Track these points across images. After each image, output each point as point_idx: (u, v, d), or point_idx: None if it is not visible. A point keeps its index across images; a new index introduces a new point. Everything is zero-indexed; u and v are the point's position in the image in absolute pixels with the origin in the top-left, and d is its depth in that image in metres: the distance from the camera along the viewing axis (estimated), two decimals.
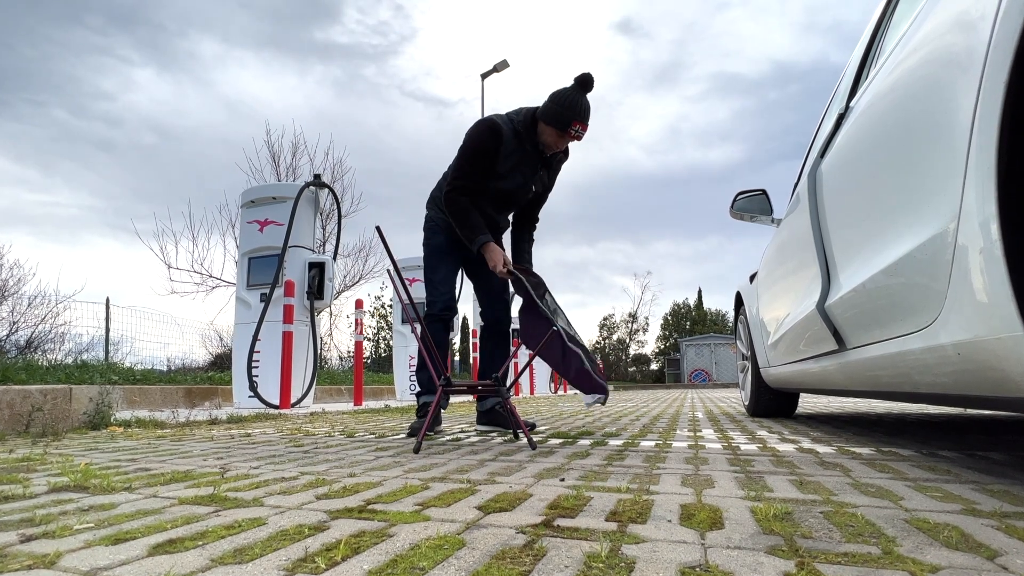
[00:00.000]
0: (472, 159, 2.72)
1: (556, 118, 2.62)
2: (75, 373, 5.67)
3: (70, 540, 0.93)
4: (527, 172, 2.83)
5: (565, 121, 2.61)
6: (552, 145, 2.72)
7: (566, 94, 2.62)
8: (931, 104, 1.31)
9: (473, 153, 2.72)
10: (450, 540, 0.90)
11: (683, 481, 1.41)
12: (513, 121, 2.76)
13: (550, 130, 2.66)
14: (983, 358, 1.14)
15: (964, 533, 0.92)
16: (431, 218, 3.06)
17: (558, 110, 2.62)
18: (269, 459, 1.91)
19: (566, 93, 2.63)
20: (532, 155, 2.79)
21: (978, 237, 1.09)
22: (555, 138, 2.68)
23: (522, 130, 2.73)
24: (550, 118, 2.64)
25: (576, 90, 2.62)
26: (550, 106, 2.64)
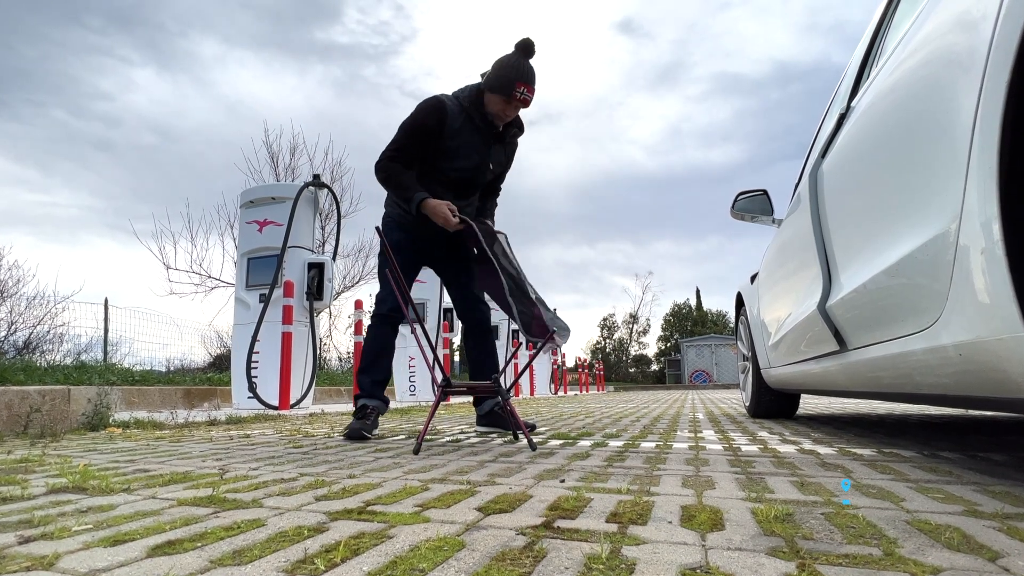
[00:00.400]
0: (410, 134, 2.64)
1: (500, 84, 2.57)
2: (73, 374, 5.67)
3: (68, 541, 0.93)
4: (481, 149, 2.75)
5: (509, 85, 2.55)
6: (500, 114, 2.65)
7: (508, 60, 2.58)
8: (932, 104, 1.31)
9: (412, 128, 2.64)
10: (450, 541, 0.90)
11: (684, 482, 1.41)
12: (459, 98, 2.69)
13: (496, 98, 2.60)
14: (985, 359, 1.14)
15: (966, 534, 0.92)
16: (388, 215, 2.94)
17: (501, 76, 2.57)
18: (268, 460, 1.91)
19: (508, 59, 2.58)
20: (484, 130, 2.72)
21: (980, 237, 1.09)
22: (502, 106, 2.61)
23: (468, 105, 2.66)
24: (494, 85, 2.58)
25: (518, 55, 2.58)
26: (493, 74, 2.60)
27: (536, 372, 13.25)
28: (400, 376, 8.46)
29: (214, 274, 13.82)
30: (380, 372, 2.77)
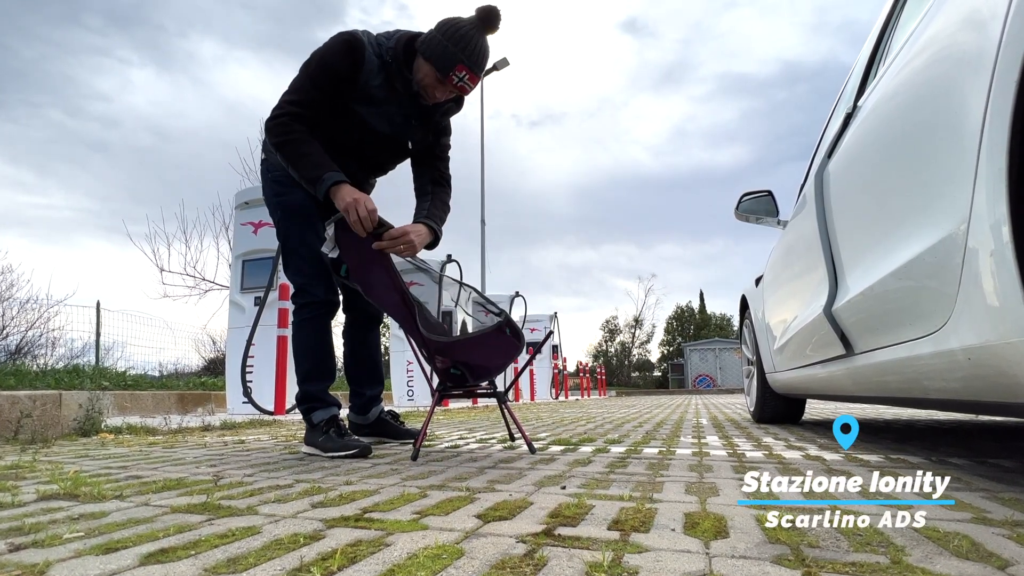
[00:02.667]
0: (317, 79, 2.07)
1: (438, 58, 2.01)
2: (65, 378, 5.67)
3: (60, 549, 0.93)
4: (396, 120, 2.22)
5: (448, 64, 2.01)
6: (428, 90, 2.11)
7: (458, 29, 2.01)
8: (940, 104, 1.32)
9: (320, 71, 2.07)
10: (448, 549, 0.90)
11: (687, 489, 1.41)
12: (382, 47, 2.10)
13: (428, 69, 2.05)
14: (994, 363, 1.14)
15: (974, 542, 0.92)
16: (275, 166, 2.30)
17: (443, 48, 2.00)
18: (263, 466, 1.90)
19: (458, 28, 2.01)
20: (405, 98, 2.18)
21: (989, 239, 1.09)
22: (432, 81, 2.07)
23: (392, 61, 2.10)
24: (431, 52, 2.02)
25: (474, 27, 2.03)
26: (435, 37, 2.02)
27: (536, 377, 13.26)
28: (398, 381, 8.45)
29: (208, 277, 13.83)
30: (329, 375, 2.37)
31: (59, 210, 36.16)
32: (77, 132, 38.58)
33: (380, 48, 2.10)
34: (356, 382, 2.61)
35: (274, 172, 2.31)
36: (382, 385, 2.68)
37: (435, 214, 2.28)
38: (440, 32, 2.01)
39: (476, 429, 3.49)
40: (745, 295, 4.07)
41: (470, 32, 2.01)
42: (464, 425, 3.91)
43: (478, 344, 2.17)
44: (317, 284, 2.28)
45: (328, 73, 2.07)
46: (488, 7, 2.01)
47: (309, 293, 2.30)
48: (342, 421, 2.30)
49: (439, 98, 2.14)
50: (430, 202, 2.32)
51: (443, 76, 2.03)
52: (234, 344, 5.61)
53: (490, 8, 2.01)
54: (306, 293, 2.30)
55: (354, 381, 2.61)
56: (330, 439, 2.17)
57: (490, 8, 2.01)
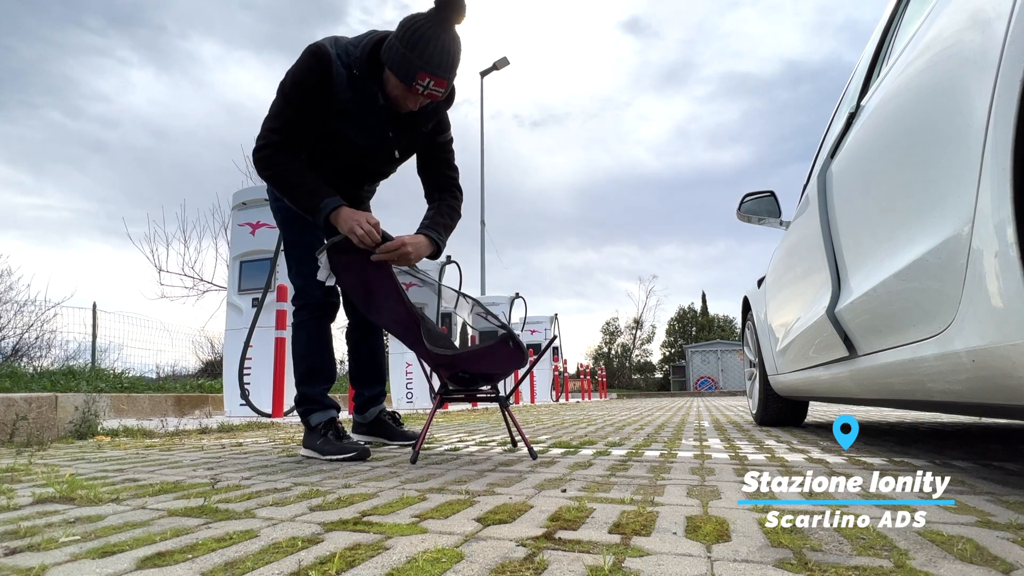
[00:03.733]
0: (291, 98, 2.01)
1: (399, 63, 1.87)
2: (61, 381, 5.67)
3: (56, 553, 0.92)
4: (374, 129, 2.13)
5: (410, 70, 1.86)
6: (400, 101, 2.00)
7: (417, 27, 1.83)
8: (944, 103, 1.32)
9: (293, 89, 2.00)
10: (448, 553, 0.90)
11: (689, 492, 1.41)
12: (350, 56, 1.99)
13: (394, 81, 1.93)
14: (999, 365, 1.14)
15: (979, 546, 0.91)
16: None
17: (402, 52, 1.85)
18: (261, 469, 1.90)
19: (417, 26, 1.84)
20: (378, 109, 2.08)
21: (993, 240, 1.09)
22: (401, 92, 1.96)
23: (359, 72, 1.98)
24: (392, 61, 1.89)
25: (433, 22, 1.83)
26: (394, 42, 1.88)
27: (537, 379, 13.25)
28: (397, 383, 8.45)
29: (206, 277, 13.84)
30: (328, 377, 2.37)
31: (56, 211, 36.29)
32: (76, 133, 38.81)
33: (348, 58, 1.99)
34: (357, 382, 2.63)
35: None
36: (383, 385, 2.69)
37: (438, 223, 2.20)
38: (398, 37, 1.87)
39: (476, 432, 3.49)
40: (747, 296, 4.07)
41: (428, 32, 1.83)
42: (464, 428, 3.91)
43: (482, 356, 2.19)
44: (315, 286, 2.24)
45: (299, 88, 2.00)
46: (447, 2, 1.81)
47: (307, 294, 2.31)
48: (341, 424, 2.30)
49: (413, 107, 2.03)
50: (435, 210, 2.25)
51: (407, 86, 1.91)
52: (232, 346, 5.61)
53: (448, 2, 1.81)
54: (304, 294, 2.32)
55: (356, 381, 2.64)
56: (328, 442, 2.17)
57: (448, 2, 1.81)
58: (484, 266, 16.58)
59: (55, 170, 37.47)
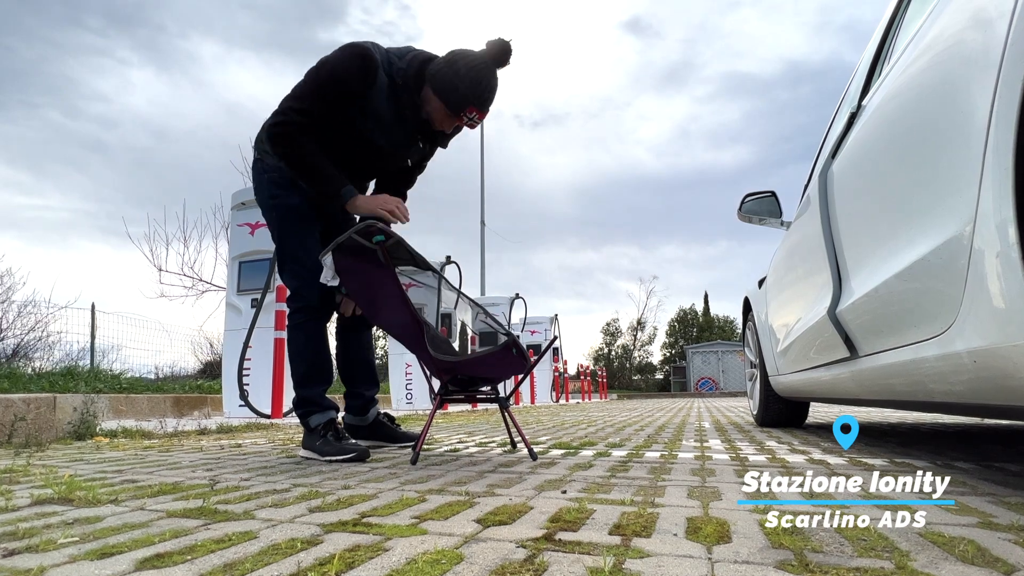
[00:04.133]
0: (326, 86, 2.06)
1: (451, 94, 2.05)
2: (59, 381, 5.67)
3: (54, 554, 0.92)
4: (398, 138, 2.24)
5: (461, 103, 2.05)
6: (436, 122, 2.17)
7: (471, 69, 2.03)
8: (946, 103, 1.32)
9: (330, 84, 2.05)
10: (448, 554, 0.90)
11: (689, 493, 1.41)
12: (393, 67, 2.10)
13: (438, 105, 2.09)
14: (1000, 366, 1.14)
15: (980, 547, 0.91)
16: (270, 167, 2.28)
17: (456, 85, 2.03)
18: (260, 470, 1.90)
19: (472, 66, 2.03)
20: (410, 120, 2.20)
21: (995, 240, 1.09)
22: (442, 116, 2.13)
23: (402, 83, 2.11)
24: (443, 90, 2.06)
25: (487, 64, 2.05)
26: (447, 74, 2.04)
27: (537, 380, 13.24)
28: (397, 384, 8.45)
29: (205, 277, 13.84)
30: (327, 378, 2.38)
31: (56, 211, 36.34)
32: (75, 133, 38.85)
33: (391, 67, 2.10)
34: (351, 383, 2.60)
35: (271, 173, 2.29)
36: (378, 386, 2.68)
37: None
38: (451, 69, 2.02)
39: (476, 433, 3.49)
40: (748, 297, 4.07)
41: (482, 71, 2.03)
42: (463, 429, 3.91)
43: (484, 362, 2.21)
44: (312, 288, 2.26)
45: (338, 86, 2.05)
46: (502, 43, 2.03)
47: (304, 297, 2.31)
48: (340, 425, 2.30)
49: (447, 129, 2.20)
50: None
51: (453, 115, 2.09)
52: (231, 347, 5.61)
53: (504, 45, 2.03)
54: (301, 297, 2.31)
55: (349, 382, 2.60)
56: (327, 443, 2.17)
57: (504, 45, 2.03)
58: (484, 266, 16.59)
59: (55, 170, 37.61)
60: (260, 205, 2.37)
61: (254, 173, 2.37)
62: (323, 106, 2.08)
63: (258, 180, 2.34)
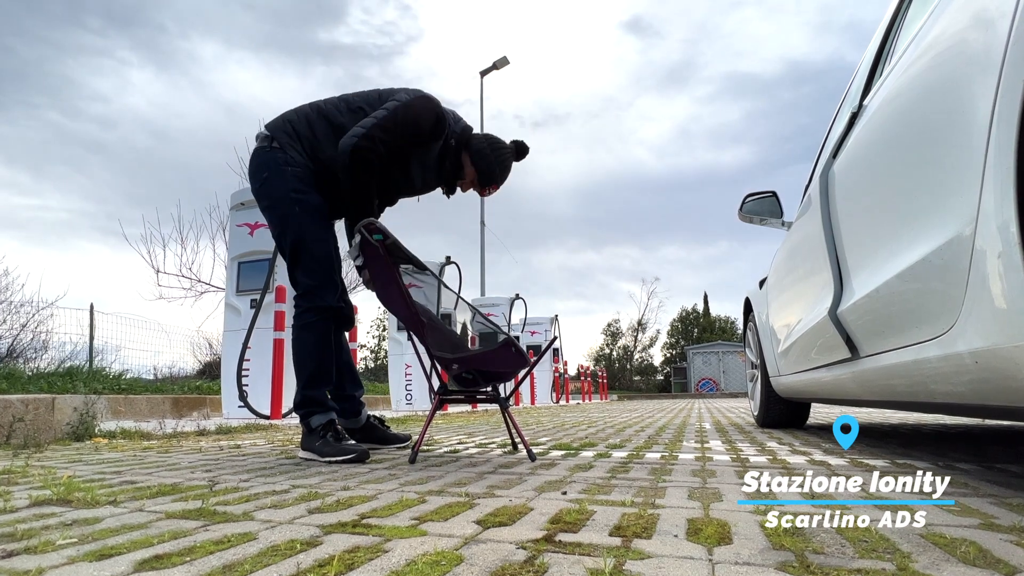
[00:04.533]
0: (405, 127, 2.33)
1: (486, 169, 2.50)
2: (58, 382, 5.67)
3: (53, 556, 0.92)
4: (429, 180, 2.59)
5: (492, 178, 2.52)
6: (465, 184, 2.58)
7: (506, 153, 2.52)
8: (947, 103, 1.32)
9: (412, 123, 2.34)
10: (448, 556, 0.90)
11: (690, 494, 1.41)
12: (450, 127, 2.49)
13: (472, 172, 2.51)
14: (1002, 366, 1.14)
15: (982, 548, 0.91)
16: (296, 162, 2.34)
17: (493, 165, 2.49)
18: (259, 472, 1.90)
19: (506, 152, 2.52)
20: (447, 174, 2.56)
21: (996, 240, 1.09)
22: (470, 180, 2.55)
23: (453, 144, 2.49)
24: (481, 164, 2.49)
25: (512, 154, 2.55)
26: (486, 154, 2.49)
27: (537, 381, 13.24)
28: (396, 385, 8.45)
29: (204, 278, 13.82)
30: (330, 380, 2.43)
31: (54, 212, 36.30)
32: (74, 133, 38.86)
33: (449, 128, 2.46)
34: (339, 386, 2.58)
35: (295, 168, 2.32)
36: (363, 388, 2.70)
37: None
38: (492, 151, 2.49)
39: (475, 434, 3.49)
40: (749, 298, 4.07)
41: (509, 161, 2.53)
42: (463, 430, 3.91)
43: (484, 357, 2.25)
44: (328, 290, 2.32)
45: (414, 130, 2.35)
46: (525, 145, 2.57)
47: (319, 297, 2.32)
48: (340, 426, 2.30)
49: (464, 191, 2.62)
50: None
51: (481, 187, 2.55)
52: (230, 347, 5.60)
53: (526, 147, 2.57)
54: (316, 297, 2.32)
55: (336, 385, 2.57)
56: (327, 444, 2.18)
57: (526, 147, 2.57)
58: (484, 267, 16.59)
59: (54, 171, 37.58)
60: (270, 195, 2.35)
61: (276, 164, 2.33)
62: (398, 137, 2.32)
63: (279, 172, 2.32)
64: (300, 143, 2.34)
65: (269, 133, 2.37)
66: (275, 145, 2.34)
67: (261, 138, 2.38)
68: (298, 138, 2.35)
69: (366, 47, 53.38)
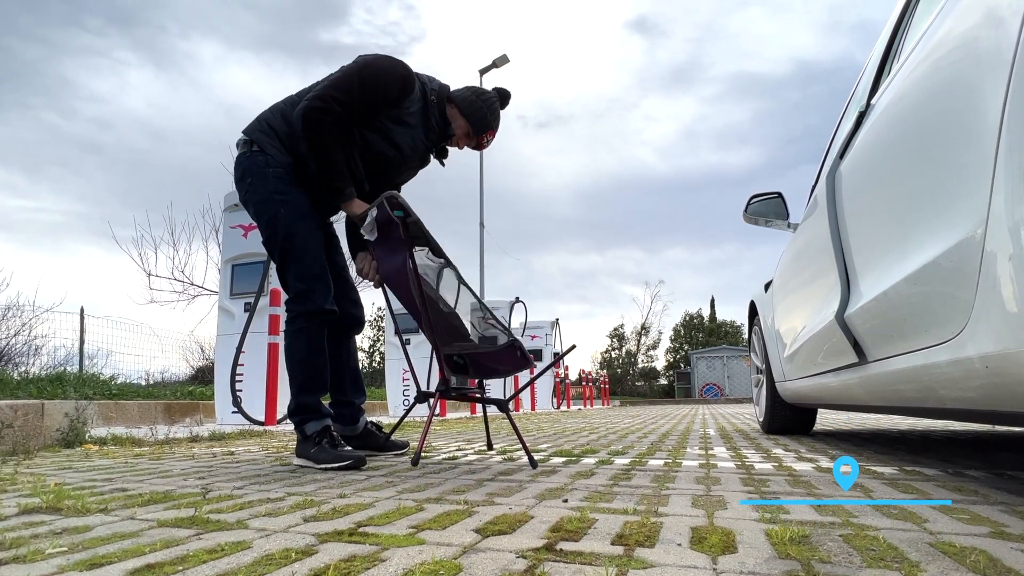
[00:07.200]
0: (366, 86, 2.26)
1: (478, 117, 2.46)
2: (48, 387, 5.67)
3: (42, 565, 0.92)
4: (418, 148, 2.50)
5: (485, 125, 2.48)
6: (458, 138, 2.52)
7: (492, 99, 2.50)
8: (957, 103, 1.32)
9: (372, 81, 2.27)
10: (446, 565, 0.90)
11: (694, 502, 1.41)
12: (426, 86, 2.43)
13: (464, 124, 2.47)
14: (1013, 371, 1.14)
15: (992, 558, 0.91)
16: (277, 161, 2.33)
17: (483, 111, 2.46)
18: (254, 479, 1.90)
19: (491, 97, 2.50)
20: (435, 132, 2.50)
21: (1007, 243, 1.09)
22: (464, 133, 2.49)
23: (434, 100, 2.43)
24: (471, 114, 2.45)
25: (497, 100, 2.52)
26: (474, 101, 2.46)
27: (538, 386, 13.21)
28: (394, 389, 8.44)
29: (197, 281, 13.82)
30: (325, 386, 2.43)
31: (49, 214, 36.34)
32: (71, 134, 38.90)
33: (425, 86, 2.41)
34: (340, 391, 2.57)
35: (276, 168, 2.31)
36: (365, 394, 2.68)
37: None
38: (479, 100, 2.45)
39: (474, 440, 3.48)
40: (754, 301, 4.07)
41: (496, 105, 2.49)
42: (462, 436, 3.91)
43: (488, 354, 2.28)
44: (320, 292, 2.29)
45: (378, 89, 2.27)
46: (507, 91, 2.56)
47: (311, 301, 2.29)
48: (335, 432, 2.29)
49: (460, 147, 2.58)
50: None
51: (476, 135, 2.49)
52: (223, 352, 5.60)
53: (508, 93, 2.56)
54: (307, 300, 2.29)
55: (337, 390, 2.58)
56: (323, 450, 2.16)
57: (508, 93, 2.56)
58: (483, 269, 16.59)
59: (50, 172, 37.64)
60: (258, 200, 2.33)
61: (257, 167, 2.33)
62: (360, 95, 2.24)
63: (260, 174, 2.32)
64: (278, 139, 2.33)
65: (247, 137, 2.38)
66: (255, 148, 2.35)
67: (240, 144, 2.39)
68: (275, 135, 2.34)
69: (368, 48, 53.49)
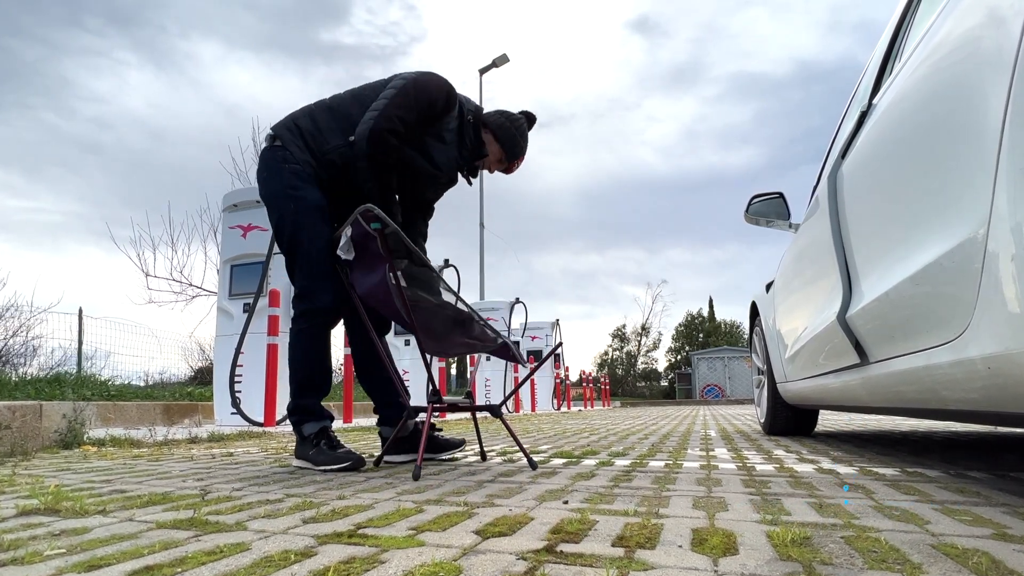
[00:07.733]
0: (419, 103, 2.30)
1: (511, 143, 2.50)
2: (46, 388, 5.66)
3: (40, 567, 0.92)
4: (451, 162, 2.50)
5: (518, 151, 2.52)
6: (490, 163, 2.55)
7: (522, 124, 2.53)
8: (959, 102, 1.32)
9: (424, 97, 2.32)
10: (446, 566, 0.90)
11: (695, 504, 1.41)
12: (463, 105, 2.47)
13: (497, 149, 2.50)
14: (1015, 372, 1.14)
15: (994, 559, 0.91)
16: (295, 159, 2.30)
17: (516, 137, 2.49)
18: (253, 480, 1.90)
19: (522, 123, 2.53)
20: (468, 153, 2.52)
21: (1010, 243, 1.09)
22: (496, 158, 2.53)
23: (470, 119, 2.47)
24: (504, 139, 2.49)
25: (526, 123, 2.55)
26: (508, 127, 2.49)
27: (537, 387, 13.21)
28: None
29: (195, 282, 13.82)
30: (324, 388, 2.37)
31: (48, 214, 36.33)
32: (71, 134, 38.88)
33: (461, 104, 2.45)
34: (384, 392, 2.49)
35: (292, 164, 2.28)
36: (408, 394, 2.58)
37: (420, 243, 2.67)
38: (513, 127, 2.49)
39: (474, 441, 3.48)
40: (755, 301, 4.07)
41: (526, 130, 2.53)
42: (462, 437, 3.90)
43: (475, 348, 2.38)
44: (325, 290, 2.26)
45: (426, 103, 2.31)
46: (533, 115, 2.57)
47: (315, 298, 2.26)
48: (334, 433, 2.29)
49: (491, 171, 2.61)
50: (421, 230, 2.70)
51: (508, 161, 2.53)
52: (222, 352, 5.60)
53: (533, 115, 2.57)
54: (312, 299, 2.26)
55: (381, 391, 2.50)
56: (321, 452, 2.16)
57: (533, 115, 2.57)
58: (483, 269, 16.60)
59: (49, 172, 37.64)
60: (270, 194, 2.33)
61: (273, 161, 2.32)
62: (412, 114, 2.29)
63: (276, 169, 2.30)
64: (303, 138, 2.31)
65: (273, 132, 2.37)
66: (276, 144, 2.33)
67: (267, 138, 2.39)
68: (300, 133, 2.31)
69: (369, 47, 53.54)
